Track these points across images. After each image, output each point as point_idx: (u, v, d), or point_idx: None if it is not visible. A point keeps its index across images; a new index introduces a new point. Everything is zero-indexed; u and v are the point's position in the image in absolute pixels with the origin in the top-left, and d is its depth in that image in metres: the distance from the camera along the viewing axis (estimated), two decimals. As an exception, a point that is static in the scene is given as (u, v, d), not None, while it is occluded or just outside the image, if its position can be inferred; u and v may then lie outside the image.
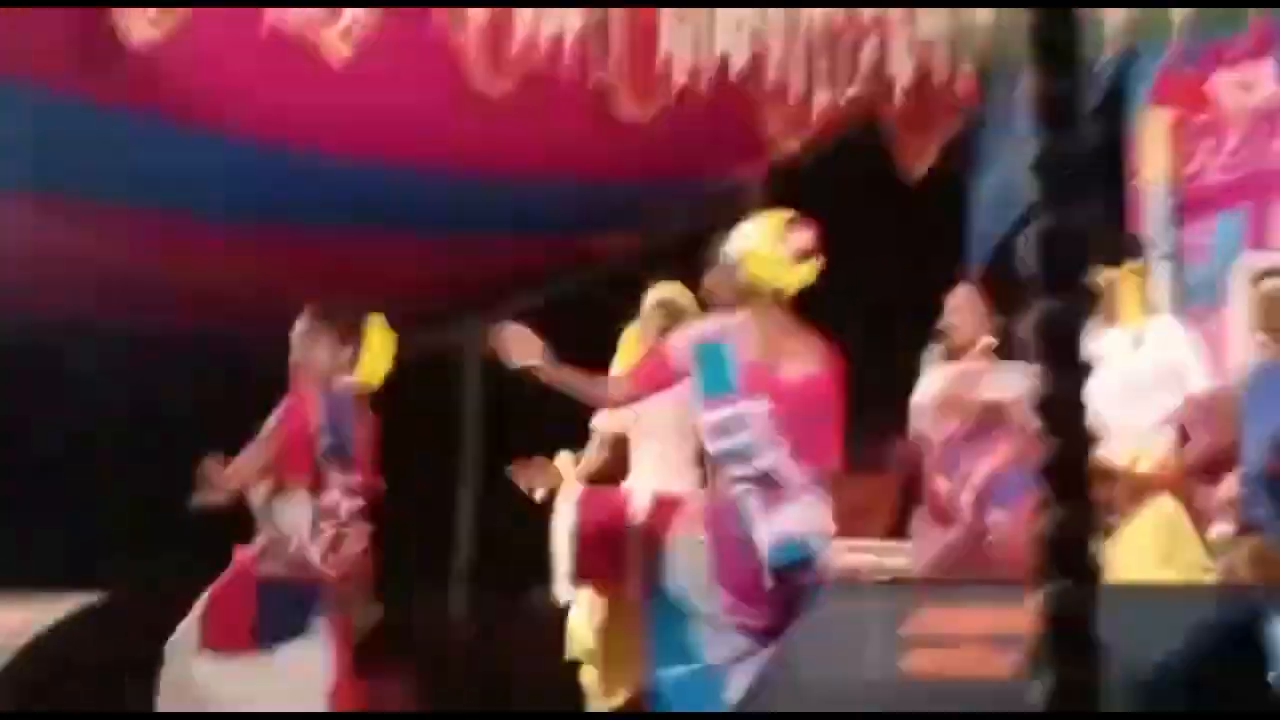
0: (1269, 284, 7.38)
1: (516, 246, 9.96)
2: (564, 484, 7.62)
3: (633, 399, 6.73)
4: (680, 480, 7.43)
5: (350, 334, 7.32)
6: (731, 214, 6.91)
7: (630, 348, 7.78)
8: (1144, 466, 6.82)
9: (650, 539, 7.09)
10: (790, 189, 8.27)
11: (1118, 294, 7.01)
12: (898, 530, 8.19)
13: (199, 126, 8.38)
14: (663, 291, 7.80)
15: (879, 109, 8.70)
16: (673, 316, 7.60)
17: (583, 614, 7.57)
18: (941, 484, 6.93)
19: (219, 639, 7.02)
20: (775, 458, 6.33)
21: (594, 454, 7.76)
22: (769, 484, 6.31)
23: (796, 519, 6.34)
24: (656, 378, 6.63)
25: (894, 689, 5.04)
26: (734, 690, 6.20)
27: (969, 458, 6.89)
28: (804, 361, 6.50)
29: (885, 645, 5.14)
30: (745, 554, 6.29)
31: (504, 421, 10.72)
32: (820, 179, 6.88)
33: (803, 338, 6.55)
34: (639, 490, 7.42)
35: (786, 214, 6.56)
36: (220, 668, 6.98)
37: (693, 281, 7.48)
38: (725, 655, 6.29)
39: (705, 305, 7.20)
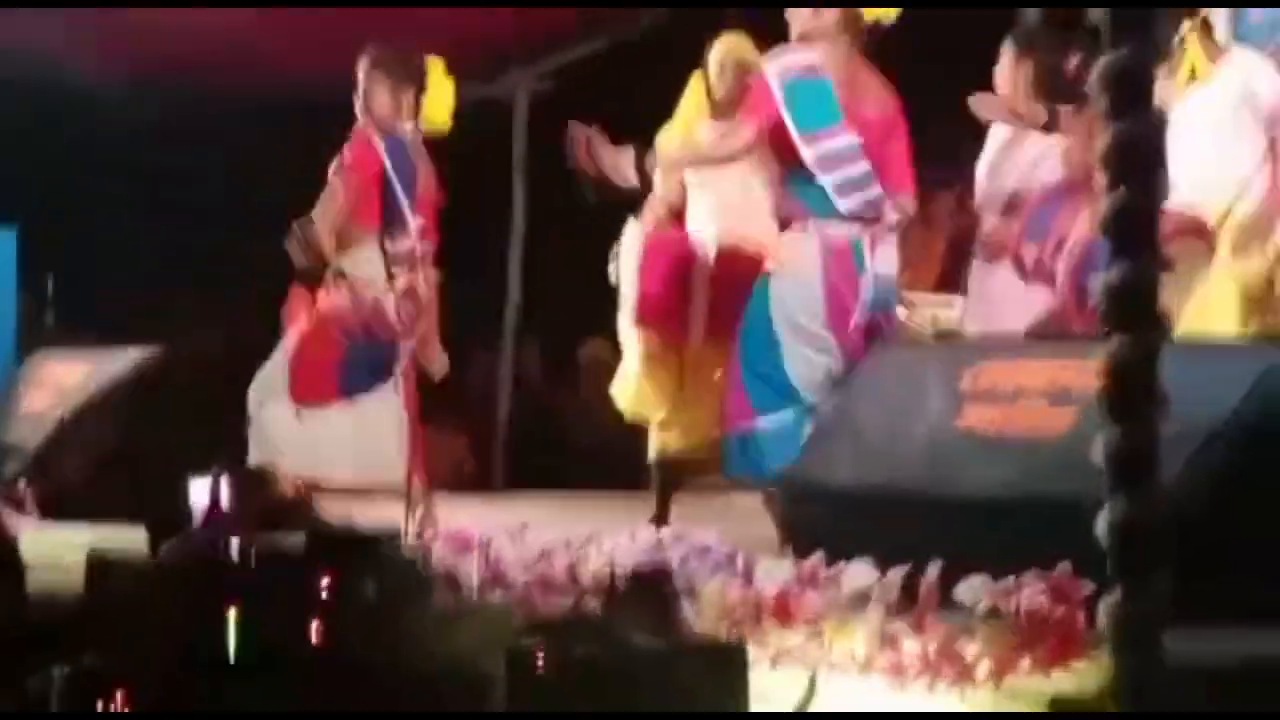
0: None
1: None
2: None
3: (758, 140, 6.63)
4: (744, 225, 7.36)
5: (411, 78, 7.28)
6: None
7: (696, 96, 7.68)
8: (1240, 214, 6.67)
9: (719, 283, 7.07)
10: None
11: (1188, 50, 6.83)
12: (946, 282, 8.13)
13: None
14: (731, 47, 7.65)
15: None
16: (744, 69, 7.51)
17: (634, 365, 7.51)
18: (1030, 248, 6.83)
19: (307, 392, 7.11)
20: (879, 190, 6.41)
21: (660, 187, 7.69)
22: (873, 220, 6.36)
23: (889, 261, 6.47)
24: (767, 113, 6.54)
25: (952, 442, 5.03)
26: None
27: (1058, 221, 6.79)
28: (880, 97, 6.57)
29: (944, 398, 5.12)
30: (852, 293, 6.34)
31: (552, 174, 10.65)
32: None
33: (875, 73, 6.57)
34: (704, 235, 7.34)
35: None
36: (308, 415, 7.07)
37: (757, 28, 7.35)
38: (819, 391, 6.31)
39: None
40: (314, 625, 3.84)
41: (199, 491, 4.42)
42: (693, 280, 7.17)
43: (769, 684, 4.09)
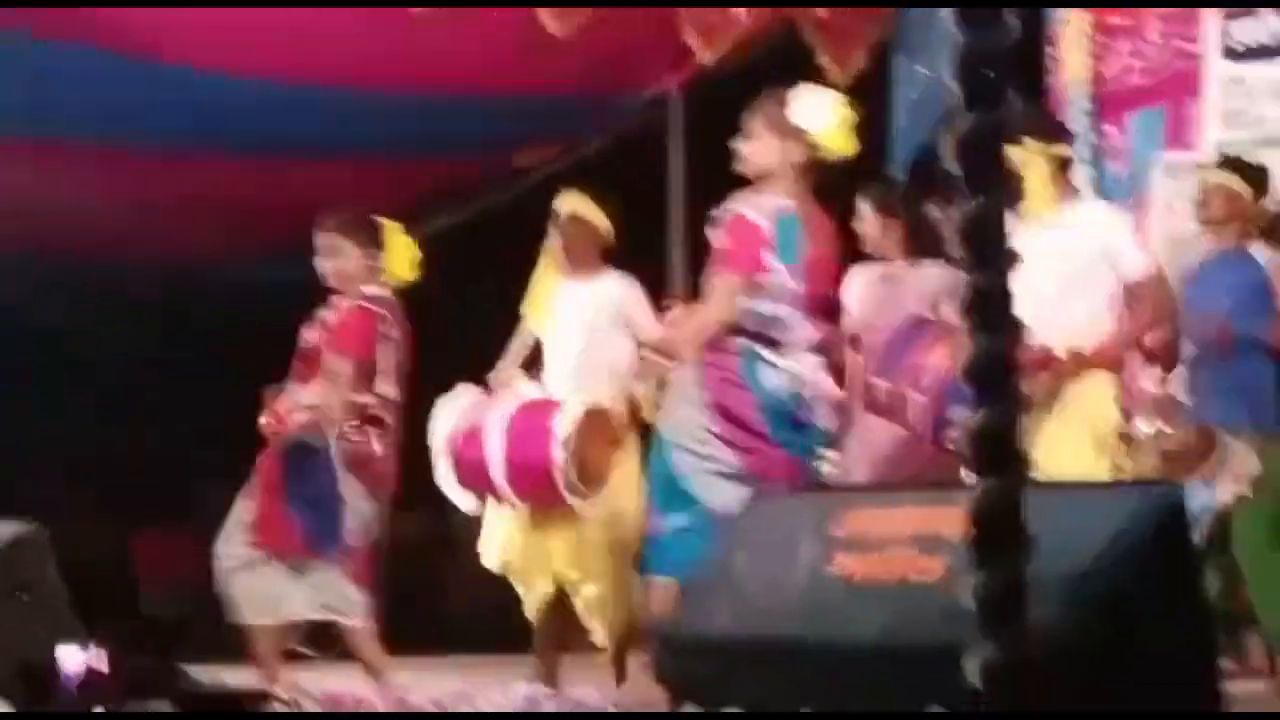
0: (1202, 177, 7.41)
1: (439, 163, 9.91)
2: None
3: (738, 289, 6.63)
4: (606, 385, 7.44)
5: (372, 241, 7.28)
6: (654, 125, 6.90)
7: (550, 258, 7.79)
8: (1086, 355, 6.78)
9: (582, 453, 7.13)
10: (712, 98, 8.24)
11: (1041, 179, 6.94)
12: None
13: (135, 55, 8.33)
14: (573, 204, 7.77)
15: (801, 16, 8.65)
16: (584, 230, 7.63)
17: (498, 525, 7.56)
18: (880, 383, 6.94)
19: (273, 542, 6.98)
20: (797, 328, 6.47)
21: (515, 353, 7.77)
22: (774, 340, 6.39)
23: (800, 370, 6.48)
24: (754, 254, 6.53)
25: (825, 590, 5.05)
26: None
27: (911, 356, 6.91)
28: (825, 234, 6.61)
29: (816, 546, 5.15)
30: (747, 401, 6.36)
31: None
32: (743, 88, 6.81)
33: (822, 212, 6.64)
34: (567, 401, 7.40)
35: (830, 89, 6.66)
36: (274, 570, 6.96)
37: (612, 193, 7.46)
38: (726, 503, 6.32)
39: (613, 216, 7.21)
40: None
41: (69, 661, 4.37)
42: (554, 455, 7.21)
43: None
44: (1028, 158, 6.86)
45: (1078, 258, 6.82)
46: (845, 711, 4.03)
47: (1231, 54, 8.92)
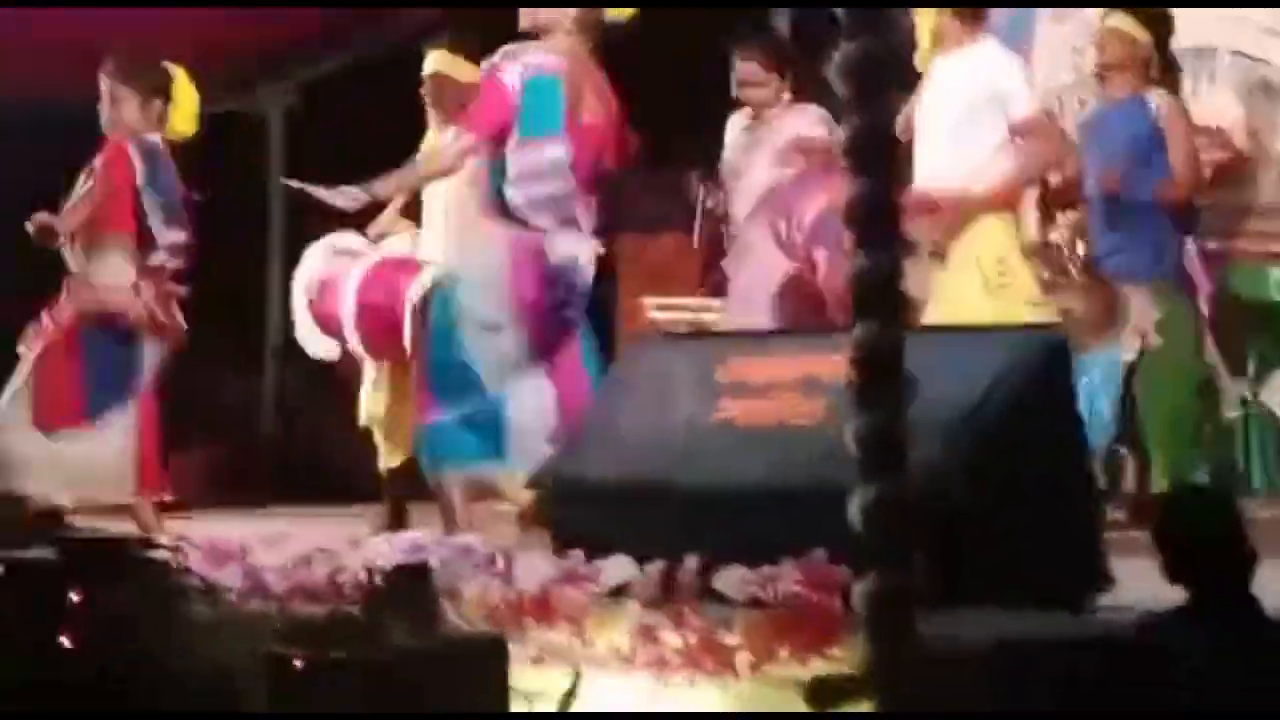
0: (1103, 23, 7.34)
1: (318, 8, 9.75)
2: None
3: (475, 149, 6.55)
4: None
5: (157, 87, 7.19)
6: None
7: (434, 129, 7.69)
8: (974, 200, 6.77)
9: (372, 299, 7.11)
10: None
11: (947, 15, 6.88)
12: (703, 287, 8.18)
13: None
14: (437, 63, 7.60)
15: None
16: (444, 90, 7.50)
17: (370, 382, 7.55)
18: (780, 226, 6.93)
19: (50, 416, 6.96)
20: (575, 203, 6.38)
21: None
22: (560, 215, 6.36)
23: (578, 245, 6.44)
24: (500, 118, 6.47)
25: (707, 435, 5.07)
26: (515, 410, 6.37)
27: (797, 199, 6.90)
28: (602, 102, 6.52)
29: (699, 392, 5.16)
30: (537, 285, 6.34)
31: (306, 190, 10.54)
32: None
33: (601, 77, 6.54)
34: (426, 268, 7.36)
35: None
36: (48, 442, 6.95)
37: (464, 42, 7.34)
38: (505, 395, 6.34)
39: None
40: (66, 636, 3.78)
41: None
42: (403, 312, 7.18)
43: (532, 682, 4.11)
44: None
45: (969, 98, 6.78)
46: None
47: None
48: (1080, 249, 7.23)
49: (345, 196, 6.59)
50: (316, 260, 7.37)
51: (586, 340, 6.61)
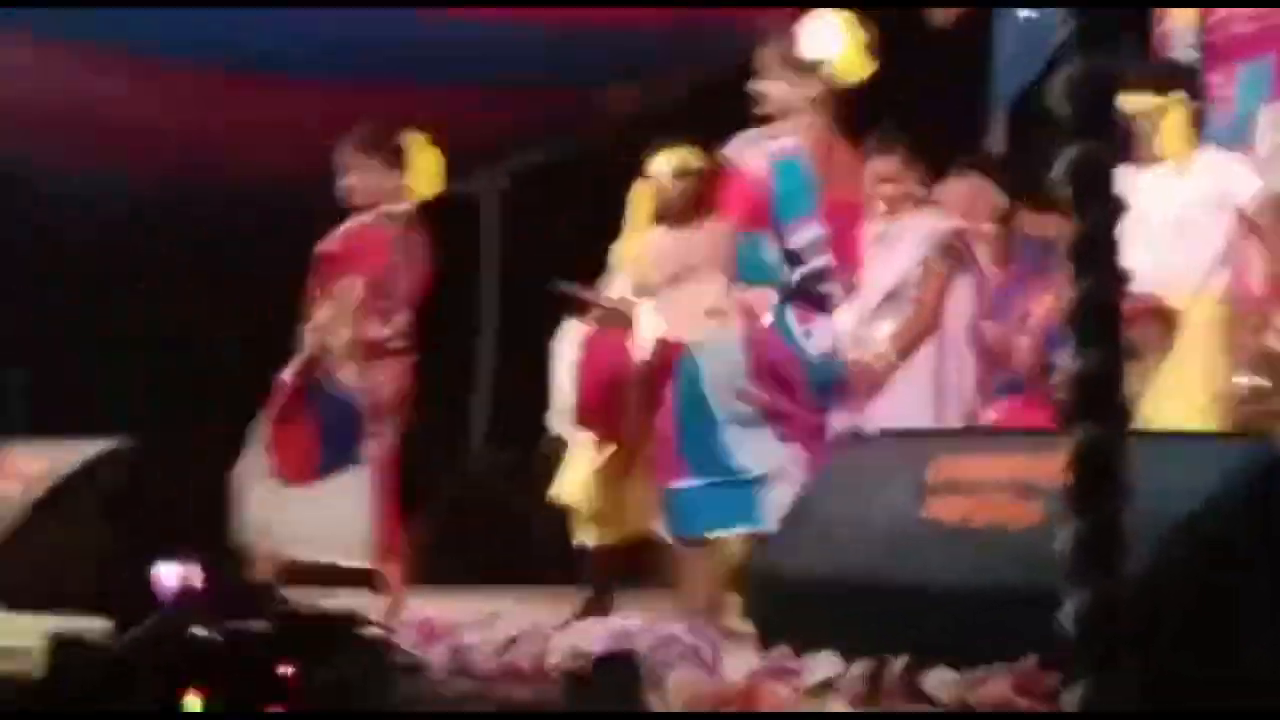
0: None
1: (531, 97, 9.88)
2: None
3: (731, 235, 6.52)
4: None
5: (398, 157, 7.27)
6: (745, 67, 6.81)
7: (643, 205, 7.72)
8: (1201, 304, 6.67)
9: (652, 383, 7.12)
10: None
11: (1161, 127, 6.83)
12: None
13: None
14: (679, 159, 7.66)
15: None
16: (694, 177, 7.55)
17: (579, 460, 7.56)
18: (991, 328, 6.87)
19: (286, 470, 7.05)
20: (833, 282, 6.36)
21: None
22: (808, 297, 6.32)
23: (828, 337, 6.34)
24: (753, 200, 6.44)
25: (917, 533, 5.03)
26: (768, 507, 6.26)
27: (1020, 300, 6.84)
28: (851, 176, 6.48)
29: (909, 490, 5.13)
30: (786, 358, 6.28)
31: (519, 274, 10.69)
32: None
33: (847, 149, 6.50)
34: (646, 334, 7.37)
35: (844, 10, 6.49)
36: (288, 493, 7.04)
37: (699, 138, 7.40)
38: (758, 465, 6.26)
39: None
40: (278, 712, 3.83)
41: (166, 576, 4.41)
42: (627, 382, 7.19)
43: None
44: (1165, 104, 6.78)
45: (1193, 204, 6.70)
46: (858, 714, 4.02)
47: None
48: None
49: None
50: (569, 344, 7.41)
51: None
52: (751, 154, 6.42)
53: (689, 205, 7.38)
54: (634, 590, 7.57)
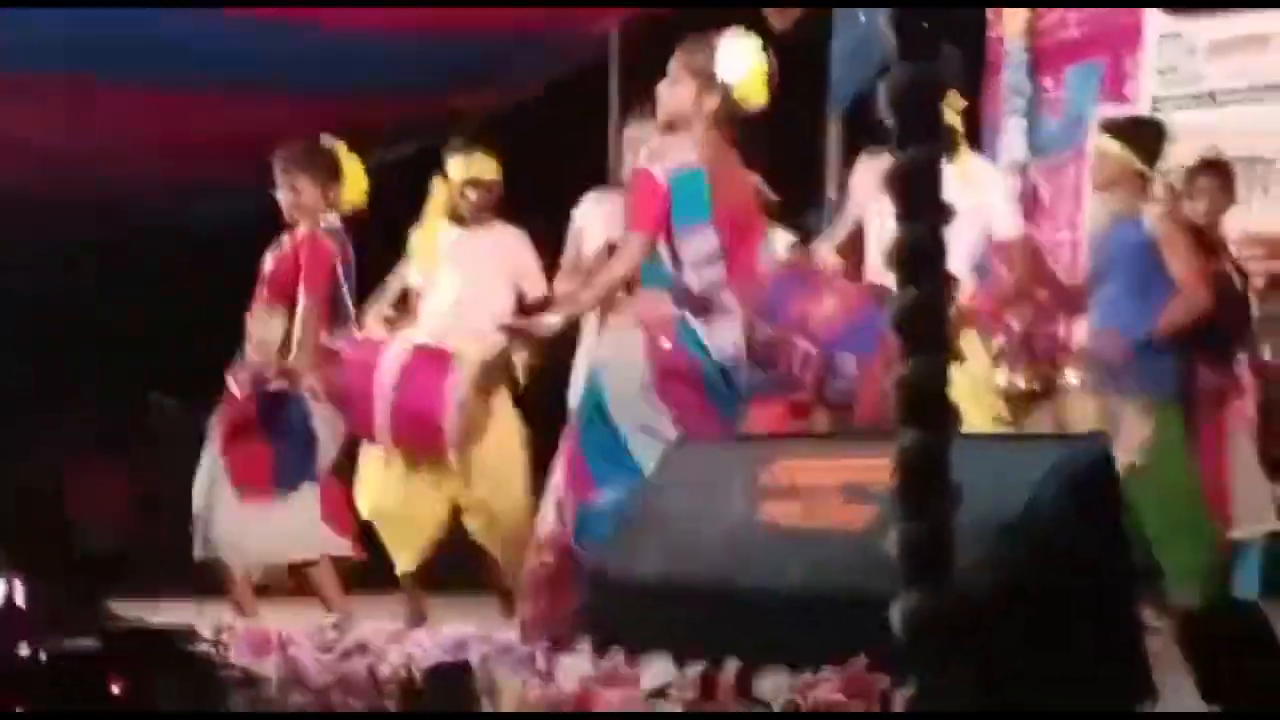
0: (1095, 142, 7.39)
1: (374, 103, 9.84)
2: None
3: (652, 244, 6.51)
4: (482, 337, 7.38)
5: (330, 167, 7.26)
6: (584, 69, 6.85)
7: (439, 201, 7.73)
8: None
9: (411, 393, 7.10)
10: (652, 38, 8.18)
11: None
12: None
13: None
14: (475, 167, 7.68)
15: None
16: (479, 191, 7.60)
17: (377, 474, 7.53)
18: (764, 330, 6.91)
19: (243, 481, 7.00)
20: (726, 291, 6.37)
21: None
22: (700, 304, 6.33)
23: (727, 340, 6.37)
24: (661, 214, 6.44)
25: (752, 537, 5.06)
26: None
27: (795, 303, 6.88)
28: (742, 183, 6.50)
29: (744, 494, 5.16)
30: (688, 365, 6.26)
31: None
32: (684, 28, 6.73)
33: (738, 162, 6.53)
34: (463, 356, 7.37)
35: (751, 34, 6.50)
36: (246, 511, 7.00)
37: (550, 136, 7.43)
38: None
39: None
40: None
41: (-12, 592, 4.34)
42: (376, 393, 7.19)
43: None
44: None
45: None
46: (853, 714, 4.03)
47: (1170, 8, 8.95)
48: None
49: (545, 326, 6.58)
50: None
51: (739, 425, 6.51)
52: (655, 166, 6.39)
53: (477, 210, 7.47)
54: (474, 598, 7.56)
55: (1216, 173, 7.49)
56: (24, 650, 3.89)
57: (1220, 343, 7.30)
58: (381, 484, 7.45)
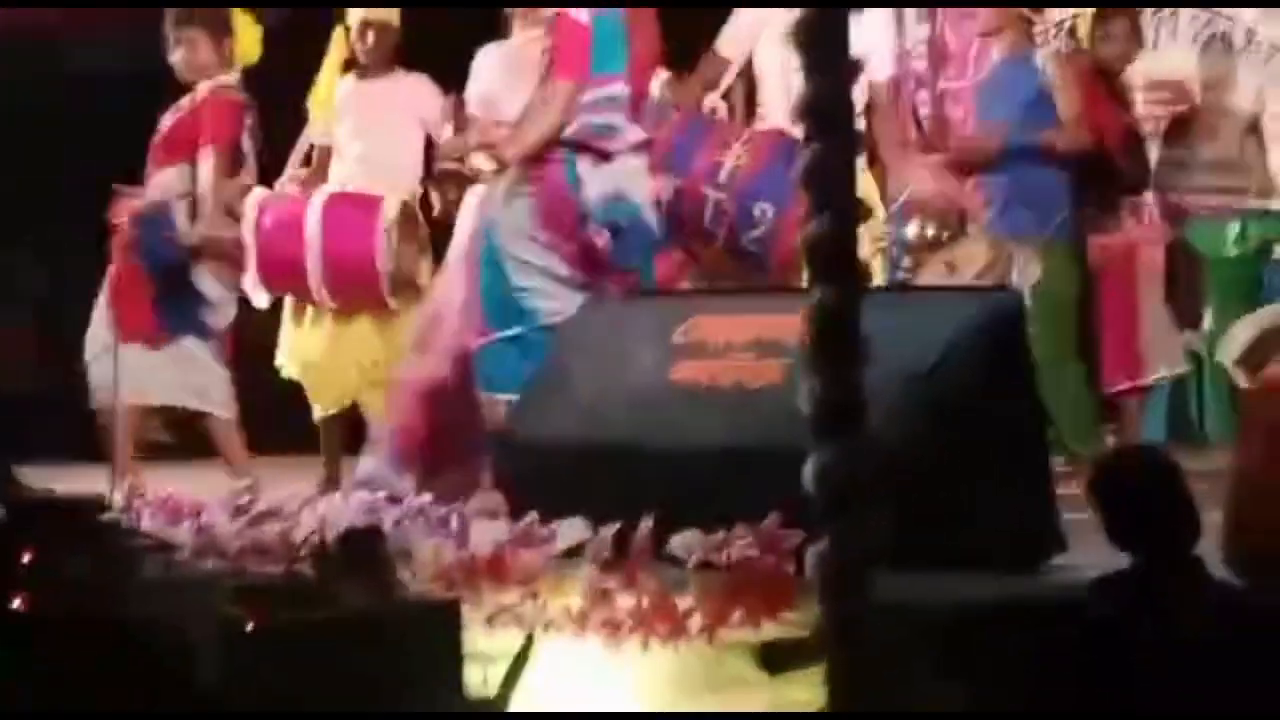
0: None
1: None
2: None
3: (581, 90, 6.42)
4: (393, 187, 7.32)
5: (225, 25, 7.16)
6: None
7: (337, 52, 7.62)
8: None
9: (340, 237, 7.07)
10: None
11: None
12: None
13: None
14: (372, 12, 7.56)
15: None
16: (377, 33, 7.48)
17: (298, 328, 7.48)
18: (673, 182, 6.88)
19: (131, 330, 6.95)
20: (627, 137, 6.31)
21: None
22: (598, 147, 6.27)
23: (619, 178, 6.31)
24: (586, 59, 6.37)
25: (664, 396, 5.06)
26: None
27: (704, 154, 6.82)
28: (650, 32, 6.43)
29: (656, 352, 5.15)
30: (574, 209, 6.21)
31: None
32: None
33: (653, 17, 6.46)
34: (385, 198, 7.29)
35: None
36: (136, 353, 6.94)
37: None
38: (553, 312, 6.23)
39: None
40: (17, 598, 3.74)
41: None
42: (304, 244, 7.15)
43: (486, 644, 4.09)
44: None
45: None
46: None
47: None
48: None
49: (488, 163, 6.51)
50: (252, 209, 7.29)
51: (647, 275, 6.45)
52: (574, 9, 6.30)
53: (376, 57, 7.35)
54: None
55: (1124, 17, 7.48)
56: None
57: (1120, 188, 7.33)
58: (307, 336, 7.39)
